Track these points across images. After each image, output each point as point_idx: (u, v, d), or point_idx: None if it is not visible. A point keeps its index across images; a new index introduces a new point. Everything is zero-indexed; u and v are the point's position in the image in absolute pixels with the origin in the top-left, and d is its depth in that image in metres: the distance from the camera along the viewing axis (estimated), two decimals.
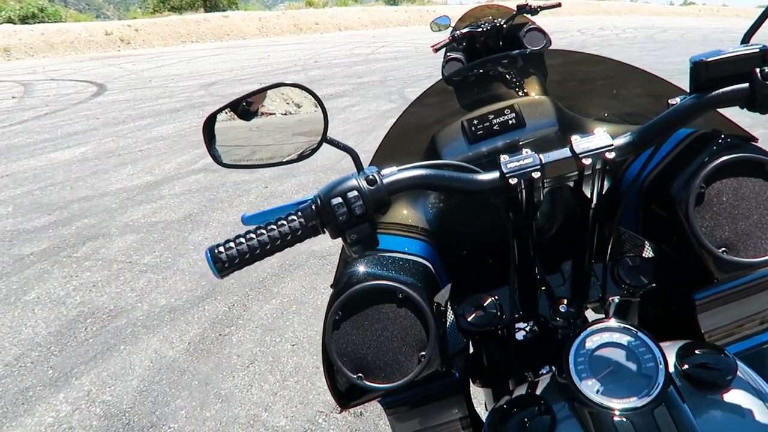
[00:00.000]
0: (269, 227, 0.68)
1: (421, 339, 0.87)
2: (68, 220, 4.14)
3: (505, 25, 3.87)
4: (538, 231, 0.81)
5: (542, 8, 3.84)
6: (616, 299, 0.94)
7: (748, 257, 0.79)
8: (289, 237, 0.68)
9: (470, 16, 4.06)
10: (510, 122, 0.94)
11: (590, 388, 0.73)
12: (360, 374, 0.86)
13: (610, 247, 0.85)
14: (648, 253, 0.96)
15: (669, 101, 0.69)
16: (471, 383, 1.07)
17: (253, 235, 0.69)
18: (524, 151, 0.70)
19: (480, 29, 3.85)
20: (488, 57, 1.10)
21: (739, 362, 0.73)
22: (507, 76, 1.10)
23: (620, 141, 0.68)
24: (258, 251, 0.69)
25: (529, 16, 3.91)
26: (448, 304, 0.98)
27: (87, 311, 2.98)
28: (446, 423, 0.93)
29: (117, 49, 16.36)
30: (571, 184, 0.72)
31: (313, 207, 0.68)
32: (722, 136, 0.84)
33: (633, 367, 0.73)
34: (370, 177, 0.68)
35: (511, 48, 3.95)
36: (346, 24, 21.21)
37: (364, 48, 14.82)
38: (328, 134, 0.76)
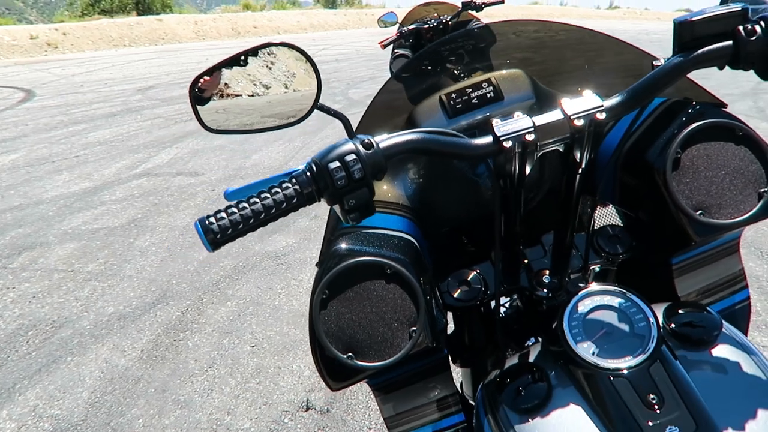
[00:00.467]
0: (262, 195, 0.65)
1: (410, 315, 0.86)
2: (0, 230, 3.90)
3: (450, 22, 3.93)
4: (524, 201, 0.81)
5: (486, 5, 3.94)
6: (597, 268, 0.97)
7: (724, 219, 0.82)
8: (284, 205, 0.65)
9: (417, 13, 4.11)
10: (488, 95, 0.94)
11: (586, 350, 0.74)
12: (350, 353, 0.84)
13: (593, 217, 0.87)
14: (625, 222, 0.98)
15: (654, 63, 0.71)
16: (451, 364, 1.07)
17: (245, 205, 0.65)
18: (516, 114, 0.70)
19: (426, 26, 3.91)
20: (451, 35, 1.09)
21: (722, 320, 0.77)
22: (473, 54, 1.10)
23: (610, 102, 0.69)
24: (252, 221, 0.65)
25: (473, 12, 4.00)
26: (431, 281, 0.98)
27: (28, 324, 2.81)
28: (435, 401, 0.92)
29: (44, 53, 15.56)
30: (561, 148, 0.73)
31: (308, 174, 0.66)
32: (693, 103, 0.87)
33: (626, 327, 0.75)
34: (366, 141, 0.66)
35: None
36: (285, 27, 20.99)
37: None
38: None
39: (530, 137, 0.68)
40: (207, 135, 4.08)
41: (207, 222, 0.64)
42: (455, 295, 0.95)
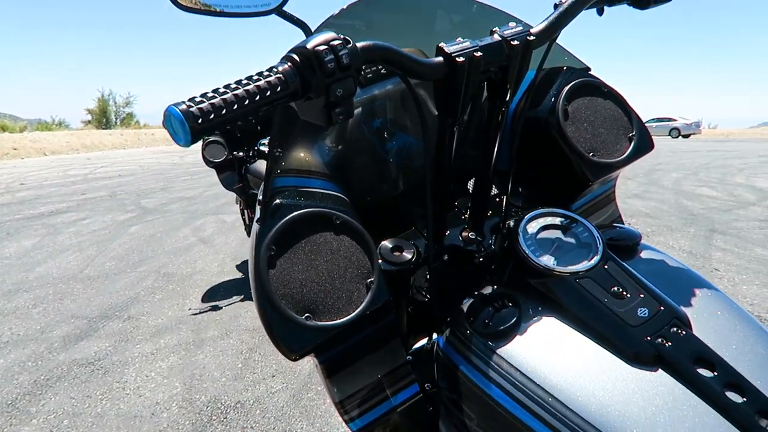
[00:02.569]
0: (243, 82, 0.59)
1: (365, 266, 0.83)
2: None
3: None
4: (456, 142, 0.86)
5: None
6: (511, 223, 1.04)
7: (610, 158, 0.97)
8: (268, 93, 0.58)
9: None
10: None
11: (548, 262, 0.79)
12: (307, 314, 0.77)
13: (514, 157, 0.95)
14: (528, 182, 1.08)
15: (556, 3, 0.84)
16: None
17: (225, 90, 0.57)
18: (458, 39, 0.77)
19: None
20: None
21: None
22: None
23: (537, 28, 0.80)
24: (235, 107, 0.57)
25: None
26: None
27: None
28: (387, 375, 0.87)
29: None
30: (494, 78, 0.80)
31: (291, 63, 0.61)
32: (565, 69, 1.03)
33: (573, 240, 0.83)
34: (342, 36, 0.65)
35: (267, 130, 4.10)
36: (53, 148, 19.25)
37: (79, 170, 13.57)
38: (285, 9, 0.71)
39: (478, 54, 0.75)
40: None
41: (185, 106, 0.55)
42: (390, 260, 0.94)
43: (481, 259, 0.96)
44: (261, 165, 3.87)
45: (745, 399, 0.64)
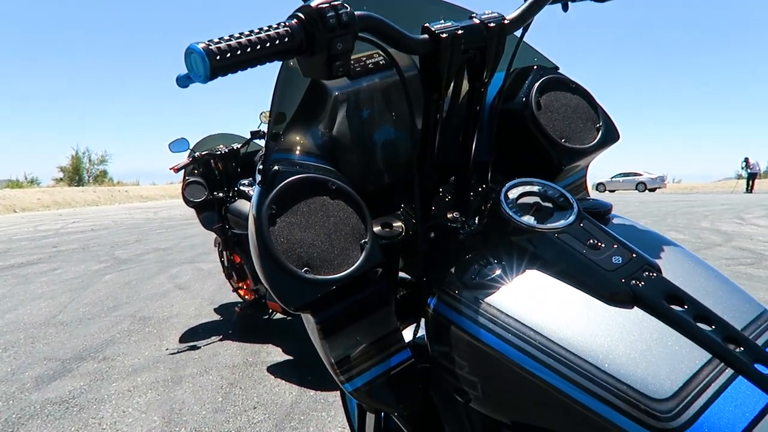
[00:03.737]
0: (255, 31, 0.66)
1: (359, 228, 0.89)
2: None
3: (241, 149, 4.13)
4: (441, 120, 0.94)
5: None
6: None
7: (581, 145, 1.06)
8: (277, 42, 0.66)
9: (209, 140, 4.23)
10: (381, 62, 1.09)
11: (528, 221, 0.87)
12: (306, 268, 0.83)
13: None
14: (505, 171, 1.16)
15: None
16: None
17: (240, 35, 0.65)
18: (441, 19, 0.86)
19: (219, 152, 4.04)
20: None
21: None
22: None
23: (511, 16, 0.90)
24: (249, 50, 0.65)
25: (261, 142, 4.27)
26: None
27: None
28: (381, 338, 0.91)
29: None
30: (473, 59, 0.89)
31: (296, 20, 0.69)
32: (536, 67, 1.14)
33: (550, 204, 0.91)
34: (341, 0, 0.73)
35: (247, 172, 4.16)
36: (23, 205, 18.98)
37: (51, 225, 13.37)
38: None
39: (459, 32, 0.84)
40: None
41: (205, 44, 0.63)
42: (379, 235, 0.99)
43: (464, 237, 1.02)
44: (241, 204, 3.92)
45: (713, 327, 0.71)
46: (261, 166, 0.93)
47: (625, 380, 0.68)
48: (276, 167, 0.89)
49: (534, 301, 0.80)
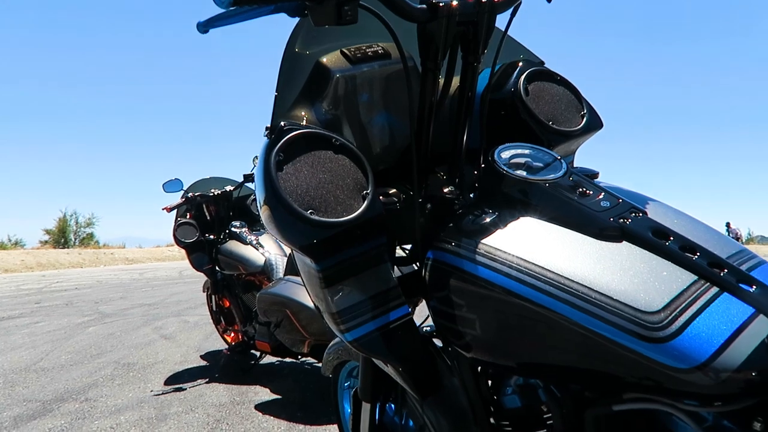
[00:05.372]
0: None
1: (361, 181, 0.95)
2: None
3: (234, 194, 4.20)
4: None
5: None
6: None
7: (567, 128, 1.14)
8: None
9: (202, 183, 4.30)
10: (379, 52, 1.17)
11: (522, 173, 0.94)
12: (311, 211, 0.88)
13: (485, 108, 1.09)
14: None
15: None
16: None
17: None
18: None
19: (212, 194, 4.10)
20: None
21: None
22: None
23: None
24: None
25: (252, 186, 4.34)
26: None
27: None
28: (381, 293, 0.94)
29: None
30: (466, 33, 0.97)
31: None
32: (521, 63, 1.23)
33: (540, 163, 0.97)
34: None
35: (239, 214, 4.20)
36: (6, 267, 18.66)
37: (34, 284, 13.11)
38: None
39: (455, 3, 0.92)
40: None
41: None
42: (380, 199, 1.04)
43: (460, 210, 1.08)
44: (232, 246, 3.95)
45: (698, 254, 0.76)
46: (268, 126, 0.99)
47: (618, 297, 0.72)
48: (283, 123, 0.95)
49: (528, 240, 0.85)
